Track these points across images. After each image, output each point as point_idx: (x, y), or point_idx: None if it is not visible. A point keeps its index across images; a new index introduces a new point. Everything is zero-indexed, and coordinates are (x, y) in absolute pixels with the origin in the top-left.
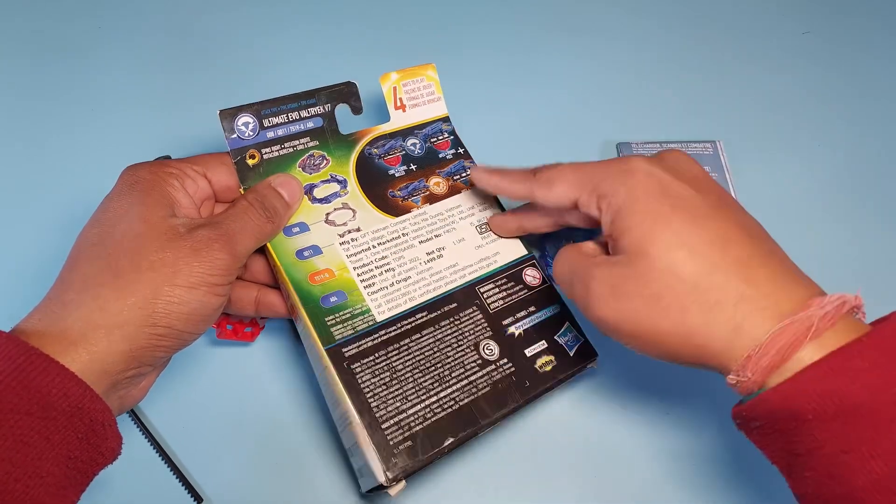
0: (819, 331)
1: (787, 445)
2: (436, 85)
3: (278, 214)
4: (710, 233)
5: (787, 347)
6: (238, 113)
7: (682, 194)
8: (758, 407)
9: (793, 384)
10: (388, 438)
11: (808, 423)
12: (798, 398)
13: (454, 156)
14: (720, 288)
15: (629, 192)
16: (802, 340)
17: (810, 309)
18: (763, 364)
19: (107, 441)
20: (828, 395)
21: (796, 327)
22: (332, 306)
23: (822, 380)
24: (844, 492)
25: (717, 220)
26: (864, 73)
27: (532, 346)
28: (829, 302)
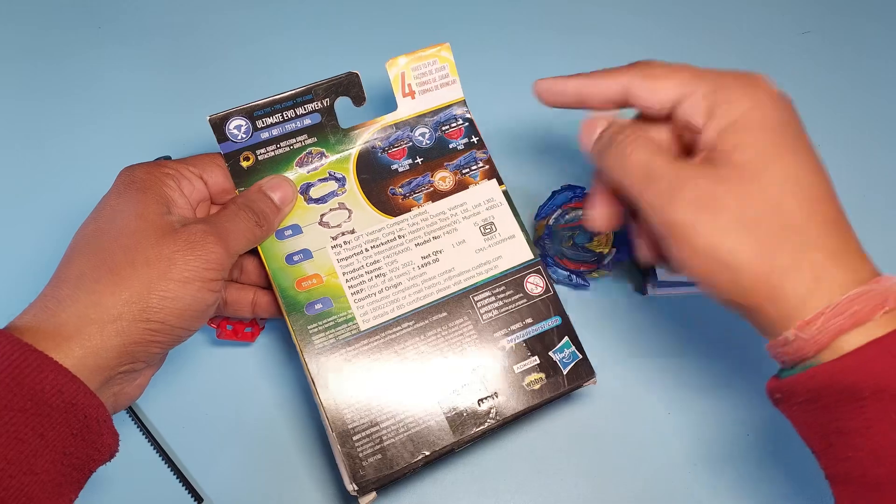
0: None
1: (832, 422)
2: (450, 66)
3: (268, 219)
4: (821, 179)
5: (860, 314)
6: (229, 117)
7: (801, 133)
8: (808, 380)
9: (855, 358)
10: (358, 450)
11: (863, 400)
12: (858, 373)
13: (466, 146)
14: (818, 234)
15: (755, 106)
16: (877, 311)
17: (876, 283)
18: (833, 325)
19: (102, 437)
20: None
21: (871, 296)
22: (317, 314)
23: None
24: (887, 473)
25: (824, 172)
26: (864, 73)
27: (522, 362)
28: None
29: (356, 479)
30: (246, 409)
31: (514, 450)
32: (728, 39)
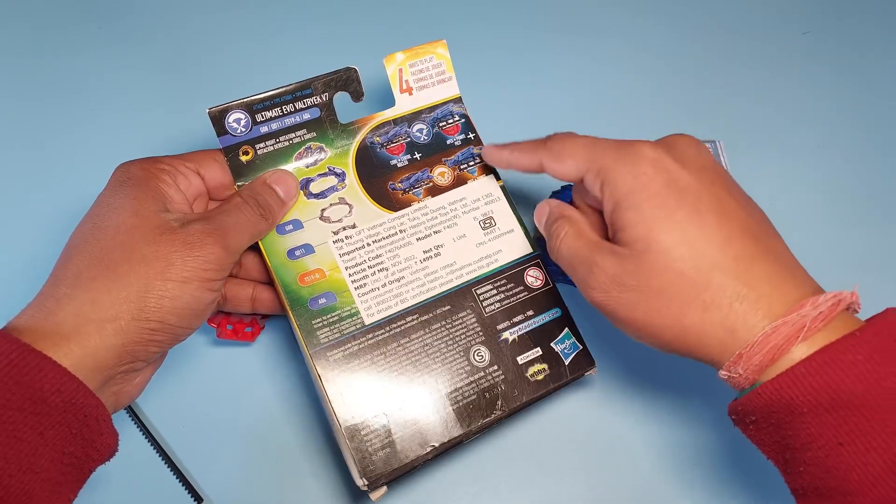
0: (812, 330)
1: (783, 440)
2: (447, 63)
3: (272, 212)
4: (713, 229)
5: (777, 347)
6: (228, 110)
7: (688, 186)
8: (753, 401)
9: (787, 378)
10: (367, 444)
11: (803, 415)
12: (792, 391)
13: (463, 142)
14: (718, 287)
15: (634, 182)
16: (794, 340)
17: (804, 309)
18: (754, 362)
19: (101, 436)
20: (822, 389)
21: (788, 328)
22: (321, 308)
23: (816, 373)
24: (838, 485)
25: (721, 215)
26: (864, 73)
27: (525, 354)
28: (824, 301)
29: (366, 474)
30: (246, 408)
31: (514, 438)
32: (728, 39)
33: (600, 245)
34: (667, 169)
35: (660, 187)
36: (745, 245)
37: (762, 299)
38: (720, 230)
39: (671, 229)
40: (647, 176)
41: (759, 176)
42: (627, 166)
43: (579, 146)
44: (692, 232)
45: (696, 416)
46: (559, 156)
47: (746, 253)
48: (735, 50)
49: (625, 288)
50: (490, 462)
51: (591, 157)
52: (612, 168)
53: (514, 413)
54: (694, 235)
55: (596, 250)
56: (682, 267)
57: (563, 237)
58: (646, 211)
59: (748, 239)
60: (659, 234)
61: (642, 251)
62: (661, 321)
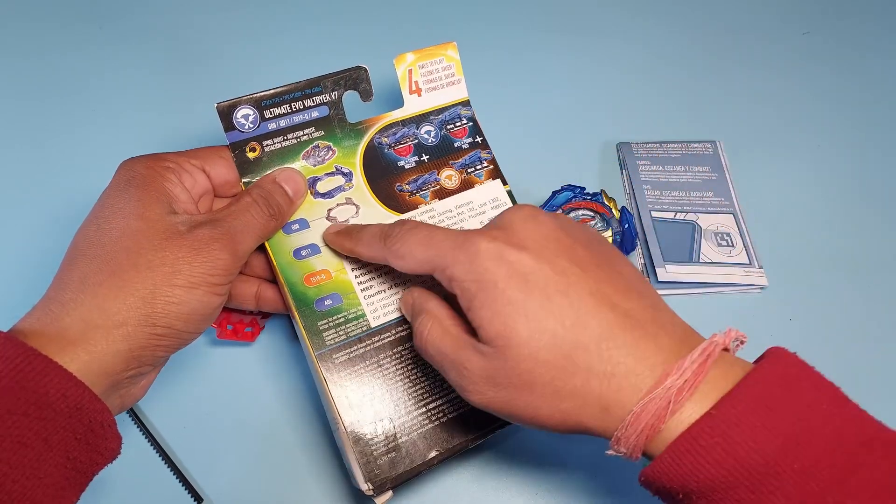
0: (680, 402)
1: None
2: (456, 66)
3: (282, 211)
4: (566, 310)
5: (650, 426)
6: (237, 105)
7: (532, 271)
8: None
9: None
10: (372, 448)
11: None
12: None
13: (470, 145)
14: (585, 369)
15: (479, 280)
16: (664, 416)
17: (668, 380)
18: (632, 442)
19: (106, 441)
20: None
21: (655, 404)
22: (327, 310)
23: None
24: None
25: (570, 292)
26: (864, 74)
27: None
28: (691, 364)
29: (371, 479)
30: (246, 408)
31: (519, 451)
32: (728, 39)
33: (465, 344)
34: (507, 260)
35: (505, 281)
36: (600, 318)
37: (628, 375)
38: (573, 309)
39: (525, 322)
40: (489, 272)
41: (759, 176)
42: (469, 265)
43: (416, 244)
44: (546, 319)
45: None
46: (399, 254)
47: (604, 325)
48: (735, 50)
49: (497, 386)
50: (495, 466)
51: (430, 257)
52: (454, 268)
53: None
54: (549, 322)
55: (462, 349)
56: (545, 357)
57: (426, 336)
58: (497, 307)
59: (602, 309)
60: (516, 329)
61: (503, 347)
62: (539, 412)
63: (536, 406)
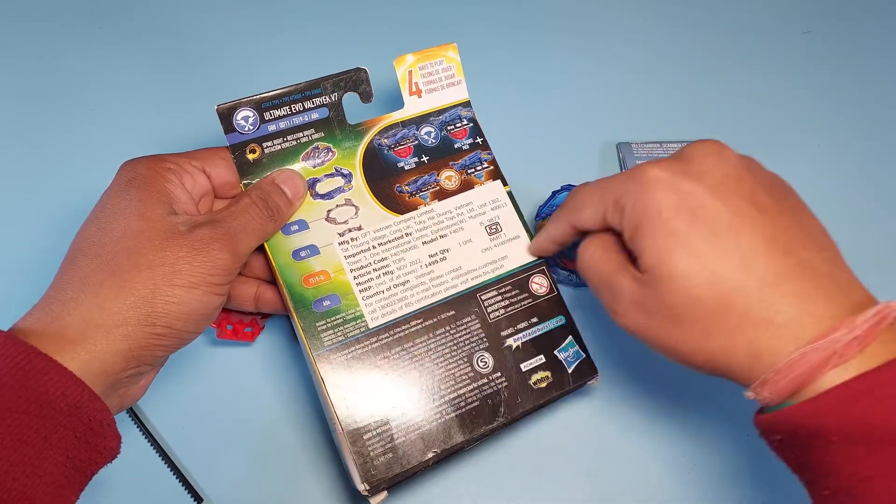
0: (844, 357)
1: (808, 462)
2: (457, 67)
3: (281, 213)
4: (732, 250)
5: (805, 374)
6: (237, 107)
7: (703, 204)
8: (780, 421)
9: (816, 404)
10: (369, 449)
11: (831, 444)
12: (821, 419)
13: (471, 146)
14: (741, 312)
15: (644, 209)
16: (824, 368)
17: (836, 333)
18: (780, 388)
19: (105, 440)
20: (854, 420)
21: (817, 354)
22: (325, 311)
23: (848, 403)
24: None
25: (742, 232)
26: (864, 73)
27: (529, 361)
28: (863, 322)
29: (367, 479)
30: (246, 408)
31: (517, 445)
32: (728, 39)
33: (624, 267)
34: (678, 189)
35: (671, 211)
36: (770, 262)
37: (789, 323)
38: (741, 249)
39: (686, 255)
40: (656, 200)
41: None
42: (637, 191)
43: (589, 191)
44: (708, 255)
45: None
46: (578, 209)
47: (771, 271)
48: (735, 50)
49: (647, 314)
50: (492, 467)
51: (603, 197)
52: (624, 198)
53: (517, 420)
54: (711, 259)
55: (619, 272)
56: (700, 293)
57: (589, 254)
58: (658, 238)
59: (775, 254)
60: (674, 261)
61: (659, 278)
62: (685, 346)
63: (682, 340)
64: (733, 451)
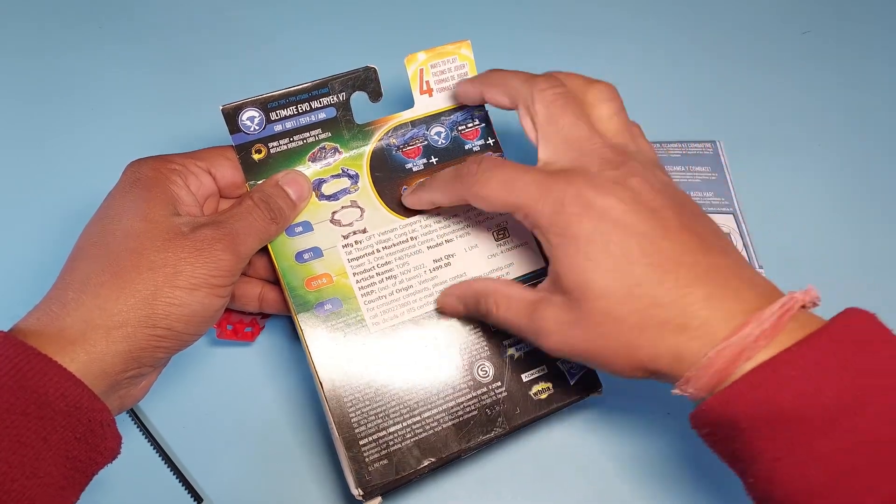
0: (756, 348)
1: (733, 452)
2: (470, 65)
3: (284, 215)
4: (645, 265)
5: (722, 369)
6: (242, 107)
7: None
8: (701, 415)
9: (727, 395)
10: (364, 455)
11: (743, 431)
12: (732, 408)
13: (482, 147)
14: (659, 323)
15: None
16: (737, 361)
17: (746, 328)
18: (701, 384)
19: (105, 441)
20: (758, 403)
21: (730, 350)
22: (327, 314)
23: (752, 389)
24: (783, 497)
25: (653, 249)
26: (864, 74)
27: (530, 371)
28: (770, 315)
29: (361, 484)
30: (246, 408)
31: (516, 455)
32: (728, 39)
33: (537, 302)
34: (591, 215)
35: (587, 237)
36: (679, 274)
37: (703, 326)
38: (651, 268)
39: (603, 277)
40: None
41: (759, 176)
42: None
43: (498, 187)
44: (623, 276)
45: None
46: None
47: (682, 281)
48: (735, 50)
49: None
50: (489, 475)
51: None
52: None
53: (515, 431)
54: (626, 279)
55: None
56: (619, 311)
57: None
58: (576, 261)
59: (683, 265)
60: (592, 284)
61: (579, 299)
62: (615, 360)
63: (609, 354)
64: None
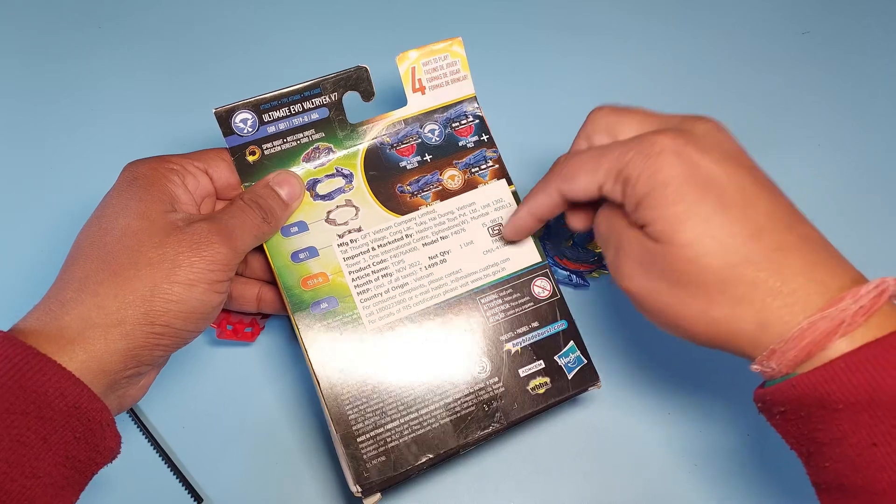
0: (852, 326)
1: (810, 433)
2: (462, 62)
3: (275, 215)
4: (741, 220)
5: (814, 342)
6: (235, 110)
7: (712, 176)
8: (785, 392)
9: (825, 372)
10: (362, 452)
11: (837, 412)
12: (829, 386)
13: (476, 144)
14: (748, 282)
15: (653, 177)
16: (833, 336)
17: (843, 302)
18: (788, 357)
19: (105, 441)
20: (861, 386)
21: (826, 323)
22: (323, 313)
23: (856, 370)
24: (866, 484)
25: (749, 205)
26: (863, 73)
27: (528, 366)
28: (866, 293)
29: (360, 481)
30: (246, 408)
31: (515, 450)
32: (728, 39)
33: (633, 229)
34: (687, 160)
35: (680, 182)
36: (776, 234)
37: (797, 293)
38: (749, 220)
39: (695, 223)
40: (666, 169)
41: None
42: (646, 159)
43: (587, 158)
44: (719, 225)
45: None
46: (571, 177)
47: (778, 243)
48: (735, 50)
49: (651, 276)
50: (488, 470)
51: (600, 165)
52: (628, 168)
53: (513, 426)
54: (720, 229)
55: (626, 232)
56: (708, 262)
57: (602, 209)
58: (668, 207)
59: (779, 228)
60: (684, 230)
61: (667, 244)
62: (689, 313)
63: (685, 306)
64: (733, 451)
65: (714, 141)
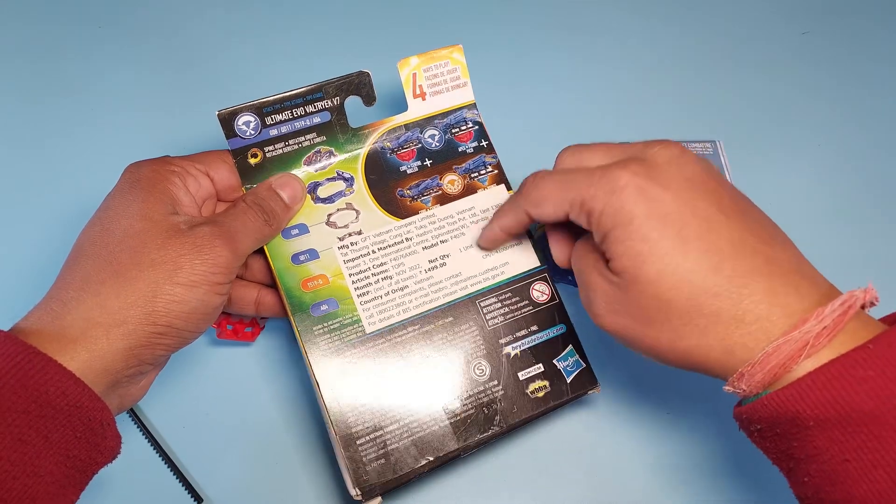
0: (816, 347)
1: (788, 450)
2: (462, 68)
3: (277, 217)
4: (703, 252)
5: (780, 365)
6: (238, 113)
7: (673, 209)
8: (758, 411)
9: (793, 390)
10: (362, 455)
11: (809, 429)
12: (798, 404)
13: (475, 149)
14: (711, 313)
15: (617, 214)
16: (797, 358)
17: (806, 325)
18: (756, 380)
19: (106, 440)
20: (830, 403)
21: (790, 346)
22: (323, 315)
23: (824, 387)
24: (843, 497)
25: (712, 233)
26: (863, 73)
27: (527, 370)
28: (831, 312)
29: (359, 484)
30: (246, 409)
31: (515, 454)
32: (728, 39)
33: (598, 269)
34: (648, 196)
35: (642, 219)
36: (739, 262)
37: (759, 321)
38: (710, 253)
39: (657, 260)
40: (626, 208)
41: (759, 176)
42: (607, 198)
43: (552, 186)
44: (678, 261)
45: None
46: (536, 201)
47: (740, 271)
48: (735, 50)
49: (622, 315)
50: (488, 473)
51: (567, 194)
52: (592, 202)
53: (513, 429)
54: (680, 265)
55: (596, 272)
56: (671, 297)
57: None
58: (629, 244)
59: (743, 254)
60: (643, 267)
61: (630, 281)
62: (658, 345)
63: (657, 340)
64: (733, 452)
65: (675, 170)
